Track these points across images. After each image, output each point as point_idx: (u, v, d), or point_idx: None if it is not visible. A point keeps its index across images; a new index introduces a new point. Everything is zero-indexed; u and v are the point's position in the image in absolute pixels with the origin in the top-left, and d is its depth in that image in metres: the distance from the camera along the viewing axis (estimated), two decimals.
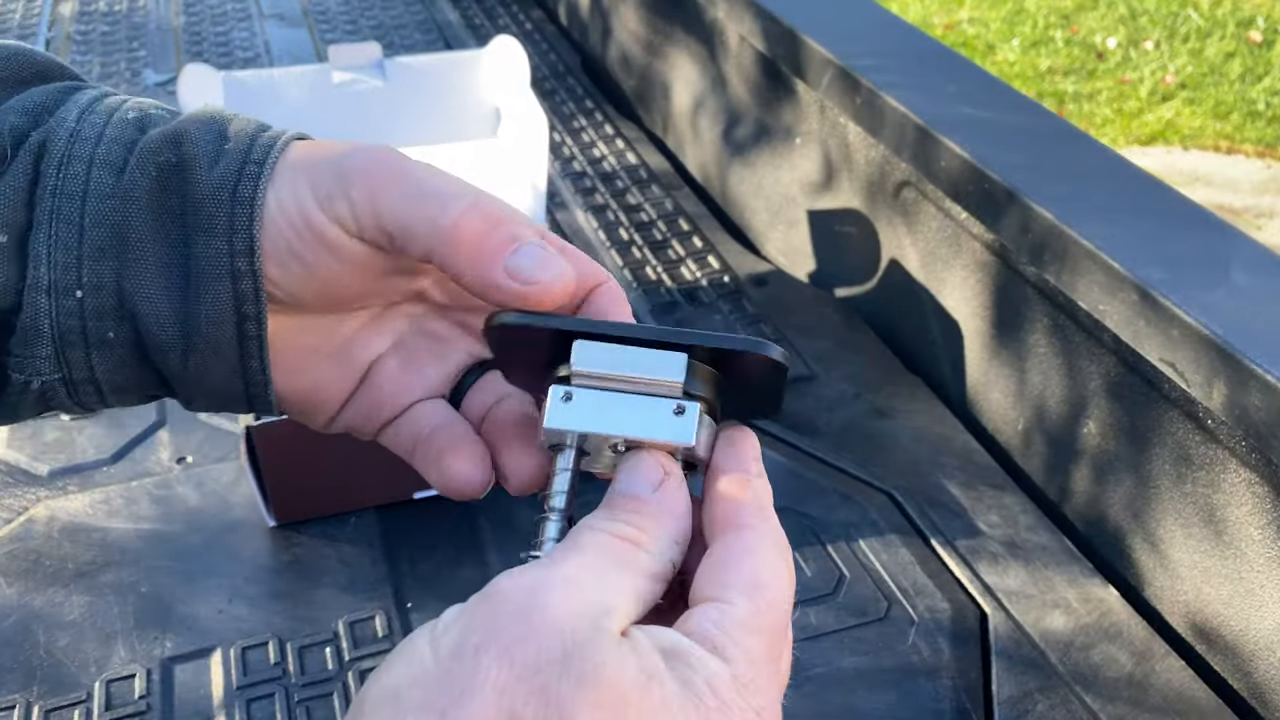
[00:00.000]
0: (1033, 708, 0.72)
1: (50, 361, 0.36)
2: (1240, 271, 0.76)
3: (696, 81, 1.44)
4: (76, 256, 0.35)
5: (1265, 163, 3.17)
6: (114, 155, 0.36)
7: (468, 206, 0.34)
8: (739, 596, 0.30)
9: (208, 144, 0.36)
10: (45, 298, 0.35)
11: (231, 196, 0.35)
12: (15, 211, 0.35)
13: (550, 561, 0.29)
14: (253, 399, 0.39)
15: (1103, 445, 0.85)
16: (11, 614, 0.78)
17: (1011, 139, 0.94)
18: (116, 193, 0.35)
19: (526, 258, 0.33)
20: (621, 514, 0.31)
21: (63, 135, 0.36)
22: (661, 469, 0.32)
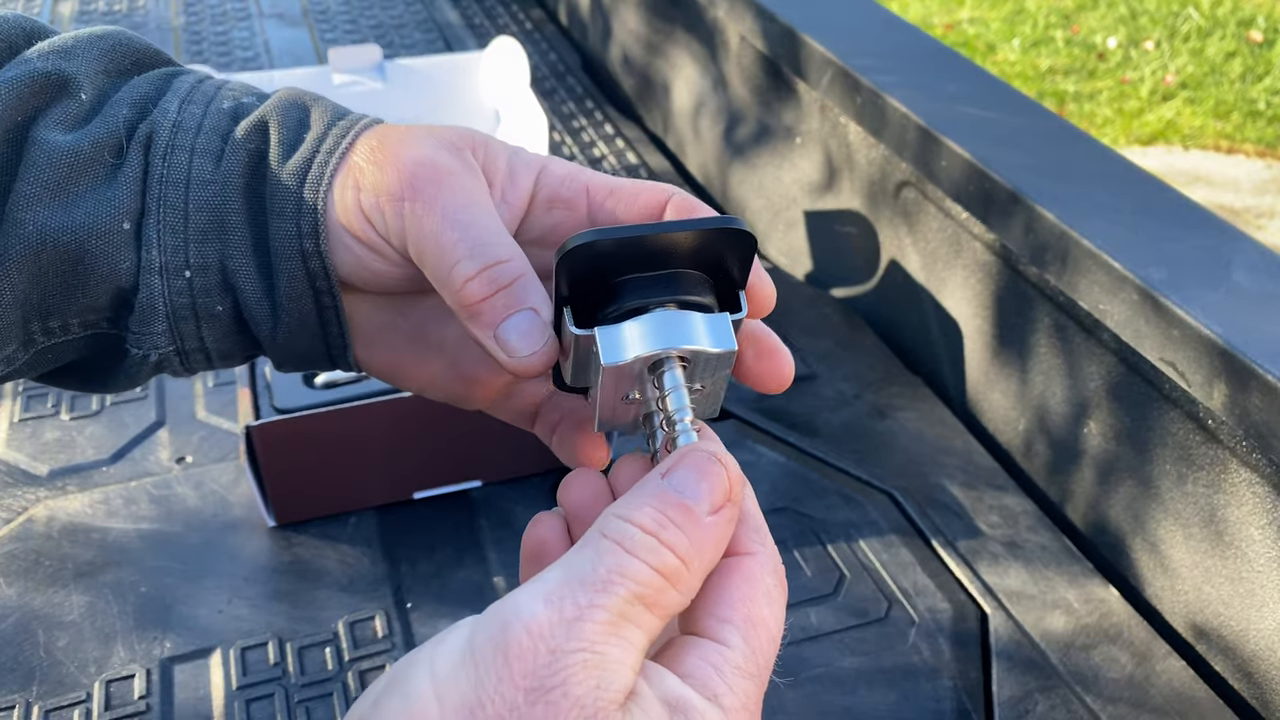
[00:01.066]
0: (1033, 708, 0.72)
1: (165, 335, 0.39)
2: (1241, 271, 0.76)
3: (697, 81, 1.44)
4: (184, 240, 0.38)
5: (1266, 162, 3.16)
6: (212, 145, 0.39)
7: (478, 271, 0.35)
8: (736, 637, 0.30)
9: (289, 130, 0.39)
10: (158, 278, 0.38)
11: (301, 183, 0.38)
12: (133, 200, 0.38)
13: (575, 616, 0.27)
14: (335, 360, 0.42)
15: (1103, 445, 0.85)
16: (11, 614, 0.78)
17: (1012, 139, 0.94)
18: (215, 180, 0.38)
19: (513, 330, 0.35)
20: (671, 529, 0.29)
21: (166, 126, 0.39)
22: (728, 490, 0.31)
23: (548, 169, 0.39)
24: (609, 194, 0.39)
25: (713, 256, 0.35)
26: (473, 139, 0.39)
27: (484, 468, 0.89)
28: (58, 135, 0.38)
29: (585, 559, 0.28)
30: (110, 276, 0.38)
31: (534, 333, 0.35)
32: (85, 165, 0.38)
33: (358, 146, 0.38)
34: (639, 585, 0.28)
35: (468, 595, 0.80)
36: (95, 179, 0.38)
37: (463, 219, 0.36)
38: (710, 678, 0.29)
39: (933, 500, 0.89)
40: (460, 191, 0.36)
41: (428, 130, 0.39)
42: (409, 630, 0.77)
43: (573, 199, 0.39)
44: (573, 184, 0.39)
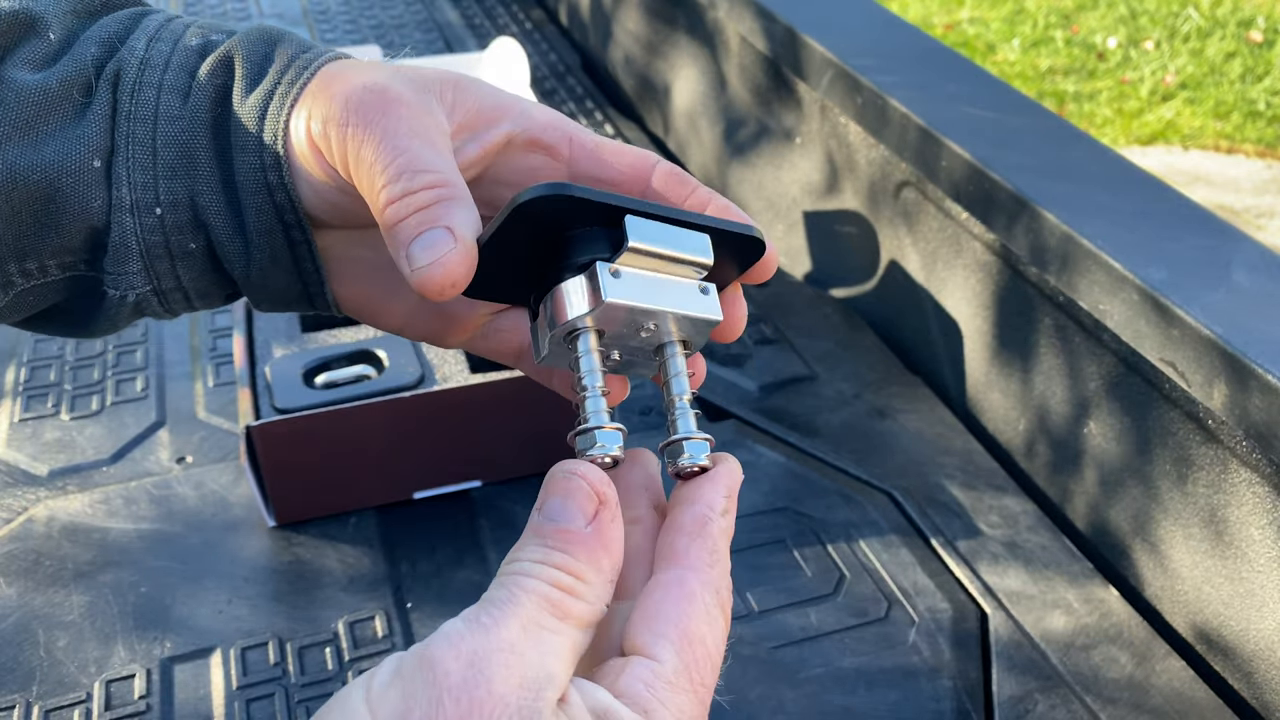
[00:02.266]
0: (1033, 708, 0.72)
1: (141, 275, 0.39)
2: (1241, 272, 0.76)
3: (697, 81, 1.44)
4: (153, 176, 0.38)
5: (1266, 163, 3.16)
6: (179, 81, 0.38)
7: (400, 194, 0.34)
8: (669, 652, 0.30)
9: (253, 65, 0.38)
10: (130, 216, 0.38)
11: (263, 116, 0.37)
12: (102, 137, 0.37)
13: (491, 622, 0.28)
14: (312, 298, 0.41)
15: (1103, 445, 0.85)
16: (11, 614, 0.78)
17: (1012, 139, 0.94)
18: (182, 115, 0.38)
19: (419, 245, 0.33)
20: (556, 553, 0.30)
21: (134, 64, 0.38)
22: (596, 497, 0.32)
23: (529, 112, 0.38)
24: (594, 147, 0.38)
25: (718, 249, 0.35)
26: (443, 80, 0.38)
27: (484, 468, 0.89)
28: (25, 74, 0.37)
29: (491, 591, 0.30)
30: (83, 215, 0.38)
31: (438, 244, 0.33)
32: (54, 103, 0.37)
33: (317, 77, 0.38)
34: (543, 597, 0.29)
35: (468, 595, 0.80)
36: (64, 117, 0.37)
37: (398, 144, 0.35)
38: (640, 693, 0.29)
39: (933, 500, 0.89)
40: (402, 120, 0.35)
41: (394, 67, 0.38)
42: (409, 630, 0.77)
43: (555, 146, 0.38)
44: (556, 131, 0.38)
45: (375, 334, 0.91)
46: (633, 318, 0.34)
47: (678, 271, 0.35)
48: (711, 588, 0.32)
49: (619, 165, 0.38)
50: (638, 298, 0.33)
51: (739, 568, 0.82)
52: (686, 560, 0.32)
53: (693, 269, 0.35)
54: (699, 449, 0.35)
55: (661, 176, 0.38)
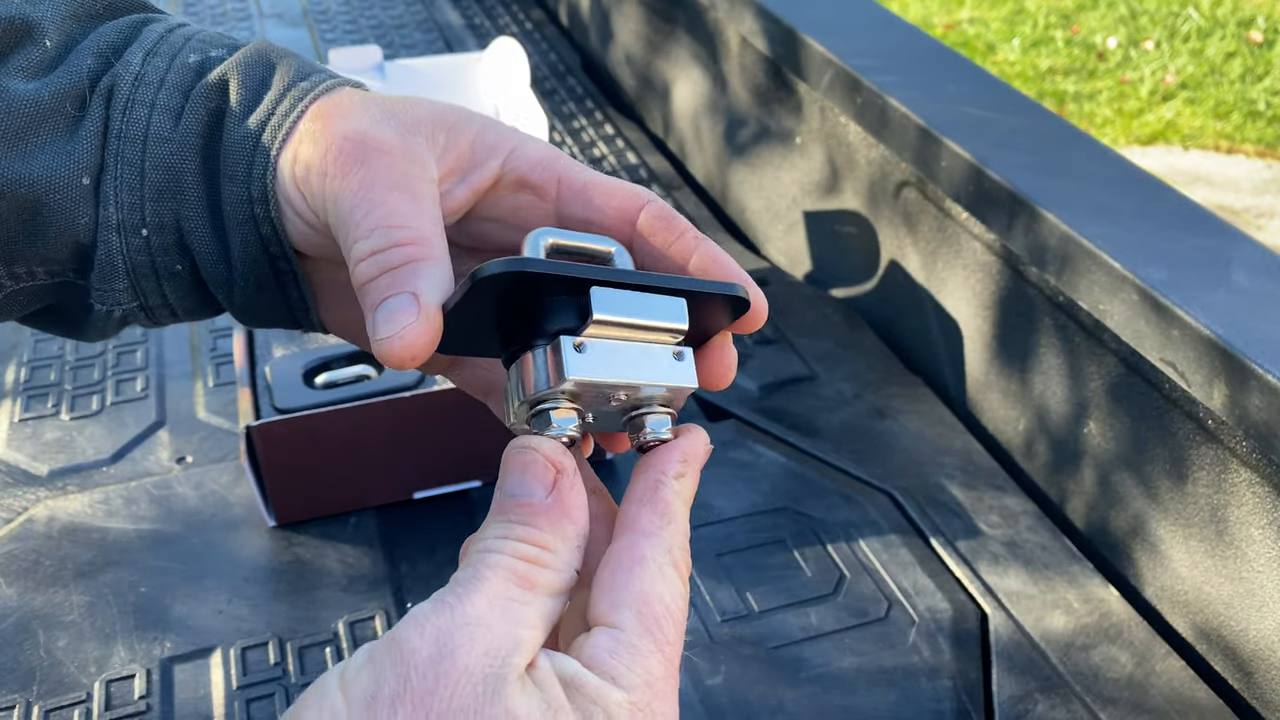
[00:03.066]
0: (1033, 708, 0.72)
1: (127, 293, 0.39)
2: (1241, 272, 0.76)
3: (697, 82, 1.44)
4: (140, 197, 0.37)
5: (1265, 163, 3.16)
6: (173, 101, 0.38)
7: (370, 252, 0.34)
8: (629, 617, 0.31)
9: (249, 91, 0.38)
10: (116, 235, 0.38)
11: (254, 148, 0.37)
12: (93, 155, 0.37)
13: (456, 600, 0.29)
14: (298, 320, 0.41)
15: (1103, 445, 0.85)
16: (11, 614, 0.78)
17: (1012, 139, 0.94)
18: (173, 137, 0.37)
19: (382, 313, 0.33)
20: (518, 526, 0.31)
21: (128, 80, 0.38)
22: (552, 467, 0.32)
23: (520, 150, 0.38)
24: (582, 188, 0.38)
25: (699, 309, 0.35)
26: (436, 121, 0.37)
27: (484, 468, 0.89)
28: (18, 83, 0.37)
29: (459, 572, 0.30)
30: (69, 230, 0.37)
31: (399, 316, 0.33)
32: (45, 116, 0.37)
33: (309, 113, 0.37)
34: (509, 570, 0.30)
35: None
36: (55, 131, 0.37)
37: (373, 198, 0.34)
38: (605, 660, 0.30)
39: (933, 500, 0.89)
40: (381, 171, 0.35)
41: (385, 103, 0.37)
42: None
43: (543, 186, 0.38)
44: (545, 171, 0.38)
45: None
46: (602, 389, 0.33)
47: (650, 338, 0.34)
48: (663, 547, 0.32)
49: (607, 207, 0.37)
50: (604, 372, 0.32)
51: (739, 567, 0.82)
52: (638, 525, 0.32)
53: (667, 334, 0.34)
54: (660, 423, 0.35)
55: (648, 219, 0.37)
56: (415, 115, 0.37)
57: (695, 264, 0.36)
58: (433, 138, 0.37)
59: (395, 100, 0.38)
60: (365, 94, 0.38)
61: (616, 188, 0.38)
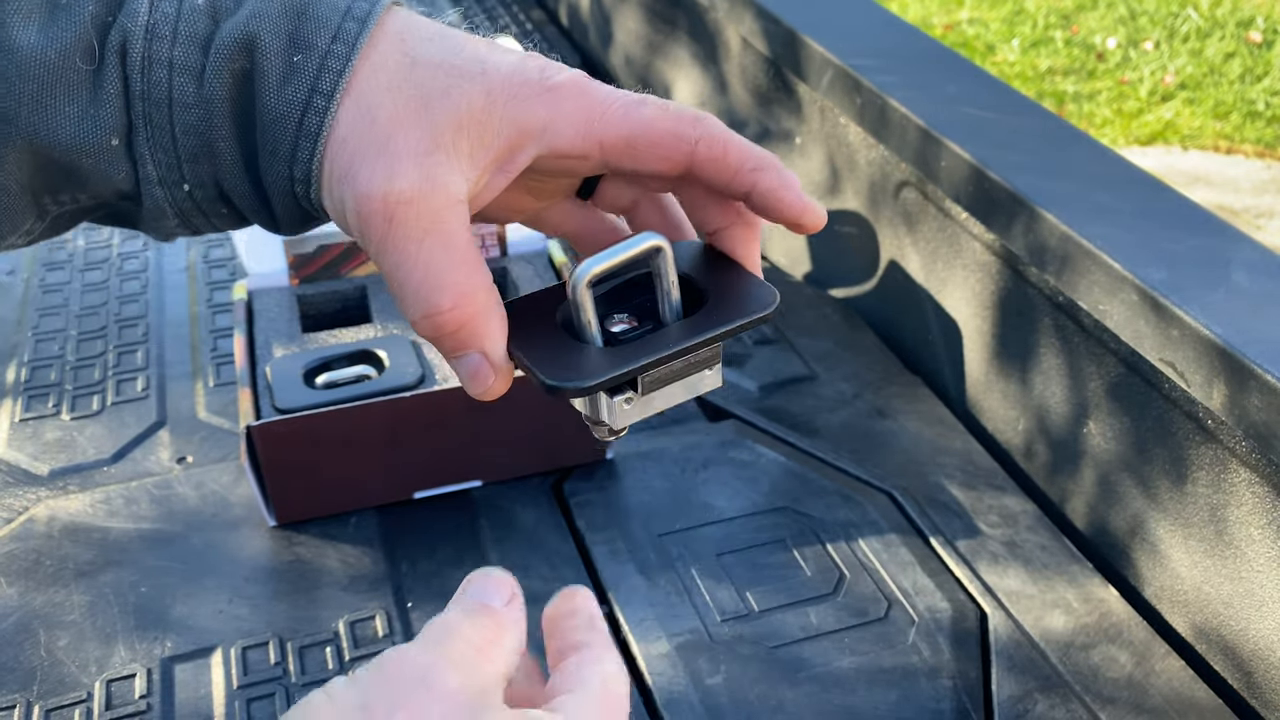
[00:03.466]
0: (1033, 708, 0.72)
1: (179, 226, 0.40)
2: (1240, 272, 0.76)
3: (697, 82, 1.44)
4: (175, 158, 0.38)
5: (1265, 163, 3.17)
6: (191, 59, 0.36)
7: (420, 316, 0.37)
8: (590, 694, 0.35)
9: (278, 54, 0.36)
10: (159, 189, 0.38)
11: (297, 129, 0.36)
12: (118, 115, 0.36)
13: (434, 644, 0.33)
14: None
15: (1103, 445, 0.85)
16: (11, 614, 0.78)
17: (1012, 140, 0.94)
18: (199, 102, 0.36)
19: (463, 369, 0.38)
20: (479, 618, 0.35)
21: (139, 33, 0.36)
22: (510, 589, 0.37)
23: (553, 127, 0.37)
24: (626, 145, 0.37)
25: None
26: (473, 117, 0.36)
27: (484, 468, 0.89)
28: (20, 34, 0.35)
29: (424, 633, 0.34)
30: (108, 184, 0.38)
31: (480, 375, 0.37)
32: (56, 75, 0.35)
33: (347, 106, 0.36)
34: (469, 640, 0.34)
35: None
36: (72, 91, 0.36)
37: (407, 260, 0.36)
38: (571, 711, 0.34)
39: (932, 500, 0.89)
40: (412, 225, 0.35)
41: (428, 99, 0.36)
42: (409, 630, 0.77)
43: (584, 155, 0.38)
44: (584, 142, 0.37)
45: (376, 334, 0.91)
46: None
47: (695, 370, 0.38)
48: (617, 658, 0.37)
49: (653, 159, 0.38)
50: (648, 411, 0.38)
51: (739, 567, 0.82)
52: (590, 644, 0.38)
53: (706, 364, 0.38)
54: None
55: (701, 162, 0.38)
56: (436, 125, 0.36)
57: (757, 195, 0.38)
58: (455, 145, 0.36)
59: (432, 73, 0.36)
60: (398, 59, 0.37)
61: (661, 133, 0.37)
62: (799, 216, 0.38)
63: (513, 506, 0.87)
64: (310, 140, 0.36)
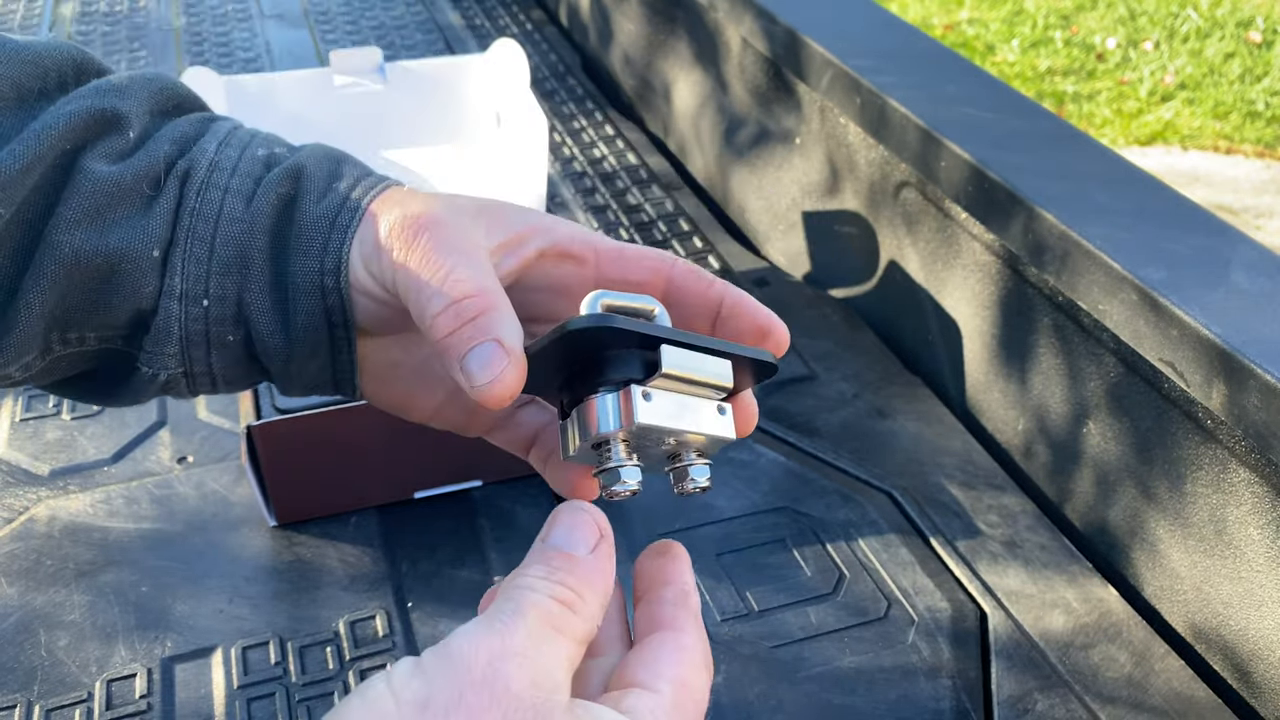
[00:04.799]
0: (1032, 707, 0.72)
1: (176, 358, 0.42)
2: (1240, 272, 0.76)
3: (697, 82, 1.45)
4: (206, 271, 0.41)
5: (1265, 163, 3.17)
6: (245, 187, 0.42)
7: (445, 306, 0.37)
8: (669, 688, 0.34)
9: (320, 180, 0.42)
10: (177, 304, 0.41)
11: (330, 226, 0.41)
12: (164, 230, 0.41)
13: (503, 629, 0.32)
14: (340, 387, 0.45)
15: (1102, 445, 0.85)
16: (12, 614, 0.78)
17: (1011, 140, 0.94)
18: (244, 218, 0.41)
19: (475, 361, 0.37)
20: (558, 572, 0.34)
21: (204, 165, 0.42)
22: (598, 529, 0.36)
23: (555, 229, 0.42)
24: (618, 255, 0.42)
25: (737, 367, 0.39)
26: (479, 206, 0.41)
27: (484, 468, 0.89)
28: (102, 166, 0.40)
29: (497, 604, 0.33)
30: (133, 298, 0.41)
31: (493, 362, 0.36)
32: (124, 194, 0.40)
33: (376, 200, 0.41)
34: (545, 612, 0.33)
35: (468, 595, 0.80)
36: (132, 207, 0.40)
37: (438, 260, 0.38)
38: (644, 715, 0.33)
39: (932, 500, 0.89)
40: (443, 238, 0.39)
41: (441, 196, 0.41)
42: (410, 630, 0.77)
43: (582, 255, 0.42)
44: (583, 244, 0.42)
45: None
46: (658, 434, 0.37)
47: (700, 393, 0.38)
48: (702, 646, 0.36)
49: (641, 268, 0.42)
50: (665, 419, 0.37)
51: (739, 567, 0.82)
52: (678, 624, 0.36)
53: (714, 391, 0.38)
54: (702, 472, 0.39)
55: (681, 274, 0.42)
56: (460, 201, 0.41)
57: (727, 306, 0.41)
58: (476, 217, 0.40)
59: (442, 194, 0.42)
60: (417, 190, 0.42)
61: (646, 252, 0.42)
62: (767, 323, 0.41)
63: (513, 506, 0.88)
64: (341, 233, 0.41)
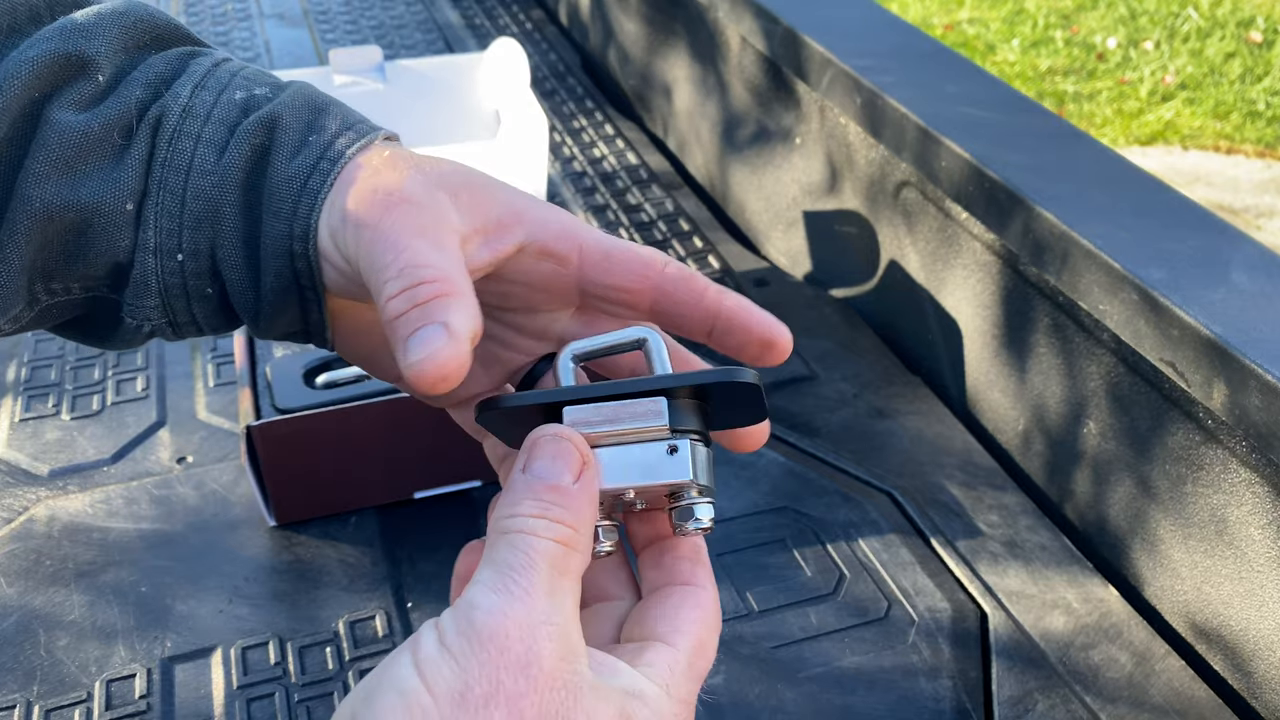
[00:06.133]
0: (1033, 707, 0.72)
1: (158, 310, 0.41)
2: (1240, 271, 0.76)
3: (697, 81, 1.44)
4: (179, 224, 0.40)
5: (1265, 163, 3.17)
6: (218, 135, 0.40)
7: (399, 290, 0.35)
8: (687, 646, 0.34)
9: (295, 132, 0.40)
10: (152, 257, 0.40)
11: (301, 188, 0.39)
12: (136, 182, 0.39)
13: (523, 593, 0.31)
14: (313, 338, 0.43)
15: (1103, 445, 0.85)
16: (12, 614, 0.78)
17: (1012, 139, 0.94)
18: (216, 170, 0.39)
19: (415, 340, 0.34)
20: (553, 509, 0.33)
21: (176, 111, 0.40)
22: (580, 456, 0.34)
23: (542, 220, 0.39)
24: (603, 255, 0.39)
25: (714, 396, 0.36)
26: (463, 182, 0.38)
27: (484, 468, 0.89)
28: (70, 115, 0.39)
29: (503, 553, 0.32)
30: (109, 252, 0.39)
31: (431, 340, 0.33)
32: (94, 145, 0.39)
33: (350, 164, 0.39)
34: (551, 557, 0.32)
35: None
36: (102, 158, 0.39)
37: (399, 242, 0.36)
38: (664, 674, 0.33)
39: (932, 500, 0.89)
40: (408, 219, 0.36)
41: (421, 164, 0.39)
42: (410, 630, 0.77)
43: (565, 255, 0.39)
44: (567, 241, 0.39)
45: None
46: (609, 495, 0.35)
47: (641, 438, 0.35)
48: (716, 604, 0.36)
49: (627, 271, 0.39)
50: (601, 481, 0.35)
51: (739, 567, 0.82)
52: (696, 580, 0.36)
53: (653, 432, 0.35)
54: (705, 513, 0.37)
55: (670, 280, 0.39)
56: (440, 171, 0.39)
57: (722, 319, 0.38)
58: (456, 195, 0.38)
59: (425, 158, 0.39)
60: (399, 149, 0.40)
61: (635, 252, 0.39)
62: (769, 332, 0.38)
63: None
64: (311, 197, 0.39)
